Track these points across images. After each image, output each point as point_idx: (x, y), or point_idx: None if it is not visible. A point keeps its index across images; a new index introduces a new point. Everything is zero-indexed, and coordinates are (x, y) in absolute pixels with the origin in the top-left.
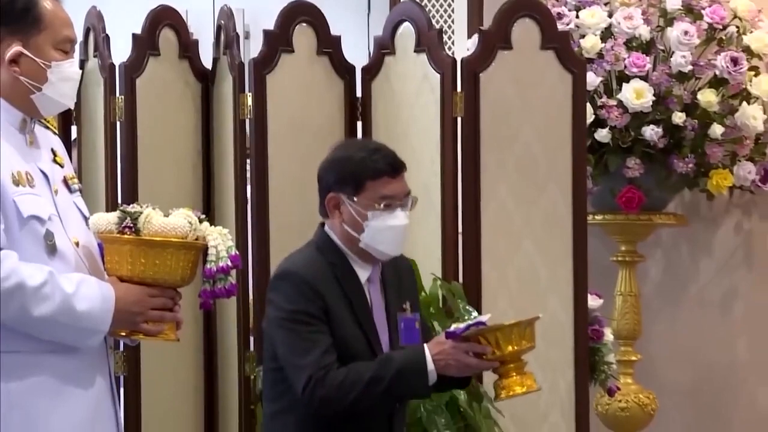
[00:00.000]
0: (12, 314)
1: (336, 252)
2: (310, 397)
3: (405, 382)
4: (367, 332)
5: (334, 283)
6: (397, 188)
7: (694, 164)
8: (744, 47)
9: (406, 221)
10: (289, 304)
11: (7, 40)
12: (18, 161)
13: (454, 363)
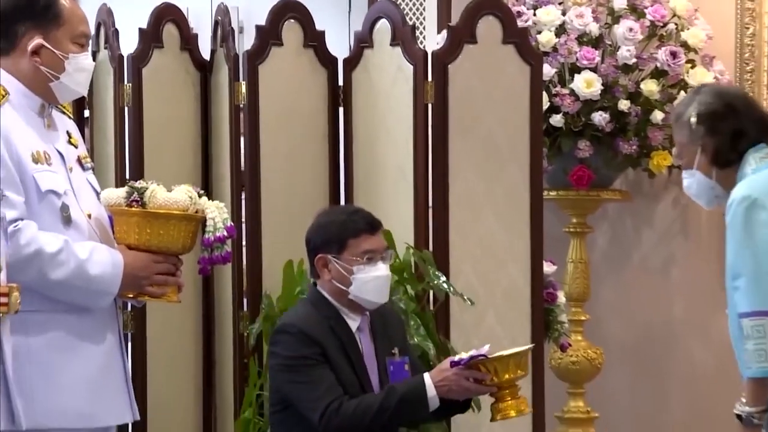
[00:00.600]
0: (32, 278)
1: (328, 306)
2: (326, 425)
3: (408, 409)
4: (359, 376)
5: (329, 332)
6: (376, 243)
7: (638, 146)
8: (682, 42)
9: (387, 272)
10: (290, 352)
11: (30, 34)
12: (37, 142)
13: (456, 388)
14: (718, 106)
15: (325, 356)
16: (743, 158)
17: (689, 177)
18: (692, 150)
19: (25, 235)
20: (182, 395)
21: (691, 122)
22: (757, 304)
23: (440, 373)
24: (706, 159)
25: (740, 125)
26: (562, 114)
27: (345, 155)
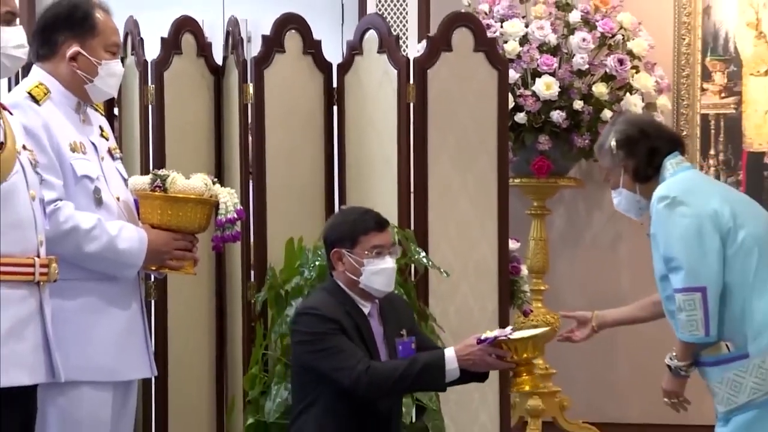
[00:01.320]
0: (68, 250)
1: (343, 294)
2: (357, 384)
3: (428, 377)
4: (371, 354)
5: (345, 315)
6: (383, 239)
7: (590, 140)
8: (628, 51)
9: (393, 265)
10: (313, 329)
11: (68, 42)
12: (74, 134)
13: (479, 362)
14: (632, 132)
15: (342, 327)
16: (661, 167)
17: (617, 195)
18: (617, 172)
19: (64, 214)
20: (198, 354)
21: (612, 148)
22: (688, 282)
23: (466, 348)
24: (629, 177)
25: (653, 145)
26: (525, 112)
27: (338, 147)
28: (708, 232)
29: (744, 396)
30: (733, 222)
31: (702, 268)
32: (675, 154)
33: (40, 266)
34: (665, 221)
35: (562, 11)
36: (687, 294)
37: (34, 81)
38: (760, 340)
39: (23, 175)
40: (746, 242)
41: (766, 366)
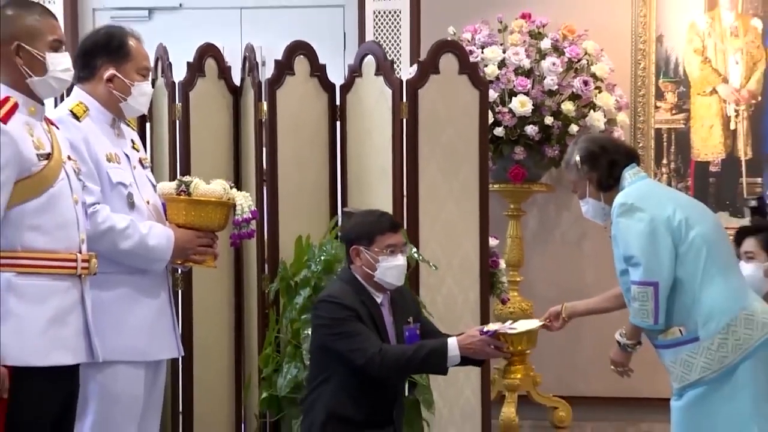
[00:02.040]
0: (105, 247)
1: (359, 285)
2: (370, 364)
3: (432, 361)
4: (382, 338)
5: (360, 303)
6: (396, 239)
7: (559, 151)
8: (591, 74)
9: (404, 262)
10: (333, 315)
11: (105, 66)
12: (110, 146)
13: (479, 351)
14: (593, 148)
15: (358, 314)
16: (621, 178)
17: (585, 204)
18: (582, 184)
19: (101, 215)
20: (219, 337)
21: (577, 164)
22: (643, 276)
23: (468, 338)
24: (593, 188)
25: (612, 158)
26: (503, 127)
27: (341, 157)
28: (661, 234)
29: (695, 374)
30: (684, 224)
31: (655, 265)
32: (632, 165)
33: (81, 261)
34: (625, 225)
35: (534, 39)
36: (641, 287)
37: (75, 100)
38: (708, 325)
39: (68, 182)
40: (696, 241)
41: (714, 348)
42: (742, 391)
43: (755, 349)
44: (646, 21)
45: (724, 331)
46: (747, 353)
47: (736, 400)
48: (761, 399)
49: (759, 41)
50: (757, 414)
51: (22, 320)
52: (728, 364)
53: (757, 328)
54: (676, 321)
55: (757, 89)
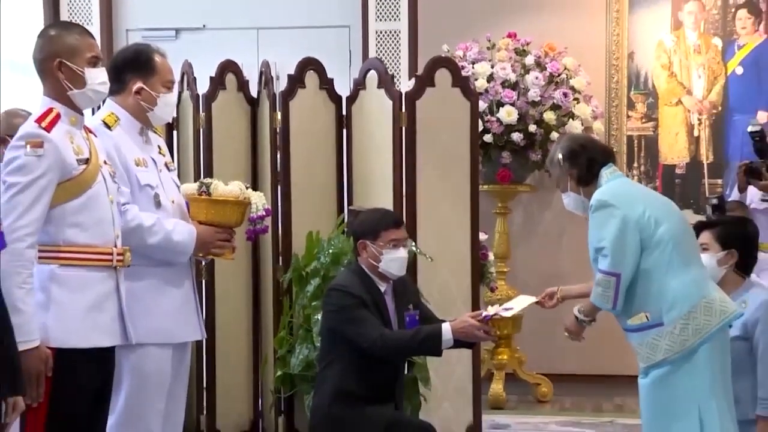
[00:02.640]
0: (135, 243)
1: (365, 275)
2: (373, 347)
3: (427, 345)
4: (385, 323)
5: (365, 291)
6: (400, 234)
7: (542, 155)
8: (570, 87)
9: (406, 255)
10: (342, 302)
11: (134, 80)
12: (138, 152)
13: (470, 335)
14: (574, 146)
15: (363, 301)
16: (599, 175)
17: (567, 198)
18: (564, 179)
19: (131, 214)
20: (239, 322)
21: (559, 161)
22: (609, 267)
23: (460, 323)
24: (574, 182)
25: (591, 156)
26: (491, 134)
27: (347, 161)
28: (630, 230)
29: (660, 355)
30: (653, 221)
31: (621, 259)
32: (609, 164)
33: (117, 255)
34: (599, 219)
35: (519, 56)
36: (606, 276)
37: (107, 111)
38: (672, 312)
39: (104, 184)
40: (663, 237)
41: (677, 332)
42: (702, 370)
43: (713, 333)
44: (619, 39)
45: (685, 317)
46: (706, 337)
47: (697, 378)
48: (718, 377)
49: (719, 58)
50: (714, 390)
51: (64, 307)
52: (689, 346)
53: (715, 315)
54: (643, 307)
55: (717, 100)
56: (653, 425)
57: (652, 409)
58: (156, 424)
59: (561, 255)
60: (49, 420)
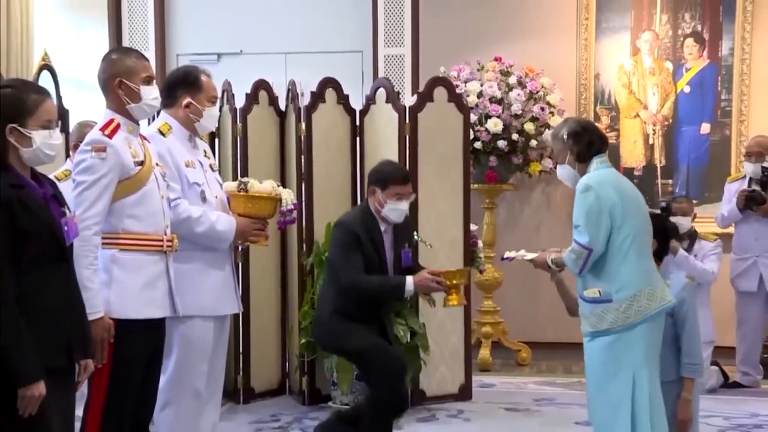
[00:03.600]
0: (185, 232)
1: (370, 215)
2: (349, 283)
3: (393, 292)
4: (380, 257)
5: (365, 229)
6: (404, 189)
7: (522, 160)
8: (547, 102)
9: (406, 207)
10: (340, 237)
11: (184, 95)
12: (187, 155)
13: (426, 287)
14: (578, 128)
15: (359, 242)
16: (591, 161)
17: (563, 169)
18: (564, 153)
19: (181, 207)
20: (269, 298)
21: (564, 137)
22: (584, 242)
23: (420, 277)
24: (572, 158)
25: (591, 138)
26: (481, 141)
27: (360, 164)
28: (604, 214)
29: (605, 325)
30: (622, 213)
31: (594, 238)
32: (601, 154)
33: (166, 241)
34: (582, 200)
35: (504, 76)
36: (580, 248)
37: (162, 121)
38: (620, 293)
39: (156, 182)
40: (626, 228)
41: (621, 310)
42: (638, 344)
43: (651, 316)
44: (587, 63)
45: (630, 299)
46: (645, 318)
47: (634, 350)
48: (651, 350)
49: (670, 78)
50: (647, 360)
51: (123, 285)
52: (629, 323)
53: (655, 300)
54: (598, 284)
55: (668, 114)
56: (595, 381)
57: (596, 368)
58: (200, 383)
59: (538, 242)
60: (111, 379)
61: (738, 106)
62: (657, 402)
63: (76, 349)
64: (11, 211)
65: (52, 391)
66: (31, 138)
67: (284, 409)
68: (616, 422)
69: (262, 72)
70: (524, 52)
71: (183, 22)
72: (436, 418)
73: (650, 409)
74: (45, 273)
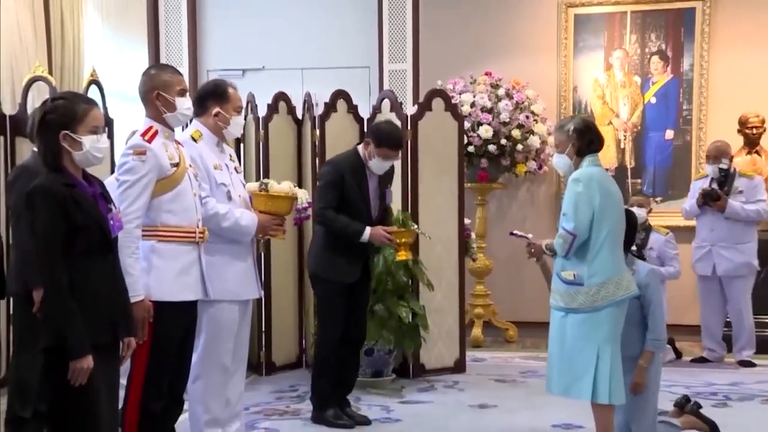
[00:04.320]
0: (213, 226)
1: (360, 159)
2: (318, 214)
3: (351, 234)
4: (363, 195)
5: (351, 170)
6: (393, 154)
7: (509, 162)
8: (531, 111)
9: (390, 165)
10: (325, 175)
11: (213, 105)
12: (216, 159)
13: (379, 239)
14: (583, 126)
15: (342, 182)
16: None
17: (560, 158)
18: (566, 144)
19: (210, 205)
20: (288, 283)
21: (569, 130)
22: (571, 229)
23: (376, 229)
24: (573, 150)
25: (592, 138)
26: (473, 146)
27: None
28: (588, 206)
29: (575, 304)
30: (602, 207)
31: (580, 225)
32: (595, 154)
33: (198, 233)
34: (572, 191)
35: (494, 88)
36: (566, 233)
37: (193, 128)
38: (592, 278)
39: (189, 182)
40: (604, 222)
41: (591, 294)
42: (604, 324)
43: (617, 301)
44: (566, 77)
45: (599, 285)
46: (610, 302)
47: (600, 329)
48: (616, 331)
49: (638, 90)
50: (610, 339)
51: (161, 271)
52: (597, 306)
53: (621, 288)
54: (574, 268)
55: (637, 122)
56: (563, 353)
57: (566, 342)
58: (227, 359)
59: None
60: (150, 354)
61: (697, 115)
62: (617, 373)
63: (120, 327)
64: (65, 207)
65: (99, 364)
66: (82, 143)
67: (301, 380)
68: (580, 390)
69: (281, 85)
70: (511, 67)
71: (212, 41)
72: (435, 388)
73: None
74: (93, 262)
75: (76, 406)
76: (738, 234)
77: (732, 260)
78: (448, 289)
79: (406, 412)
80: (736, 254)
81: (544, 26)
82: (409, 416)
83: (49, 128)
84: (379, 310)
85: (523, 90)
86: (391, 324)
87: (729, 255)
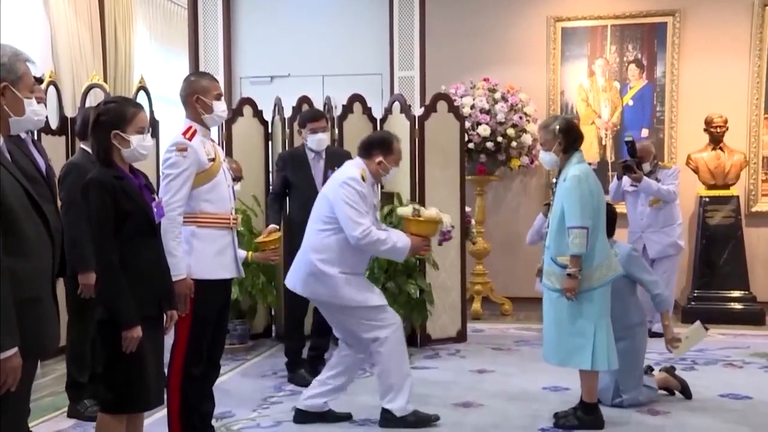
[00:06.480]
0: (372, 250)
1: (301, 147)
2: (273, 188)
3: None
4: (306, 176)
5: (290, 156)
6: (318, 125)
7: (505, 158)
8: (524, 112)
9: (322, 137)
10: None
11: (378, 154)
12: (372, 197)
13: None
14: (567, 126)
15: (284, 166)
16: (572, 154)
17: (547, 155)
18: (552, 142)
19: (373, 233)
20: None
21: (555, 129)
22: (582, 222)
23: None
24: (558, 147)
25: (575, 136)
26: (473, 143)
27: None
28: (591, 198)
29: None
30: (597, 199)
31: (588, 217)
32: (580, 150)
33: (232, 219)
34: (576, 188)
35: (491, 92)
36: (580, 229)
37: (360, 168)
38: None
39: (224, 174)
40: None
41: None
42: (598, 302)
43: (607, 282)
44: (555, 83)
45: (593, 269)
46: (602, 283)
47: (594, 306)
48: (606, 306)
49: (617, 94)
50: (602, 315)
51: (201, 253)
52: (590, 286)
53: (611, 270)
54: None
55: (617, 122)
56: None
57: (563, 319)
58: None
59: (517, 221)
60: (191, 326)
61: (669, 115)
62: (611, 343)
63: (164, 302)
64: (115, 197)
65: (146, 334)
66: (130, 141)
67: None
68: (581, 360)
69: (304, 90)
70: (506, 74)
71: (245, 52)
72: (439, 355)
73: (607, 349)
74: (140, 244)
75: (128, 369)
76: (663, 219)
77: (660, 242)
78: (452, 269)
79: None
80: (663, 237)
81: (535, 38)
82: (418, 380)
83: (102, 128)
84: (390, 287)
85: (516, 94)
86: (401, 299)
87: (657, 238)
